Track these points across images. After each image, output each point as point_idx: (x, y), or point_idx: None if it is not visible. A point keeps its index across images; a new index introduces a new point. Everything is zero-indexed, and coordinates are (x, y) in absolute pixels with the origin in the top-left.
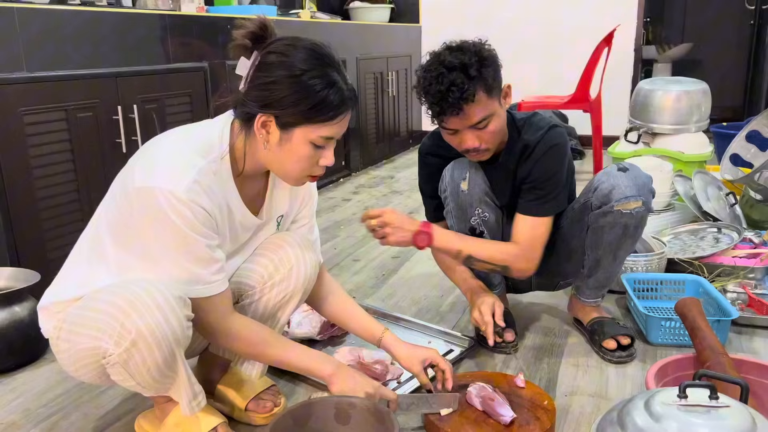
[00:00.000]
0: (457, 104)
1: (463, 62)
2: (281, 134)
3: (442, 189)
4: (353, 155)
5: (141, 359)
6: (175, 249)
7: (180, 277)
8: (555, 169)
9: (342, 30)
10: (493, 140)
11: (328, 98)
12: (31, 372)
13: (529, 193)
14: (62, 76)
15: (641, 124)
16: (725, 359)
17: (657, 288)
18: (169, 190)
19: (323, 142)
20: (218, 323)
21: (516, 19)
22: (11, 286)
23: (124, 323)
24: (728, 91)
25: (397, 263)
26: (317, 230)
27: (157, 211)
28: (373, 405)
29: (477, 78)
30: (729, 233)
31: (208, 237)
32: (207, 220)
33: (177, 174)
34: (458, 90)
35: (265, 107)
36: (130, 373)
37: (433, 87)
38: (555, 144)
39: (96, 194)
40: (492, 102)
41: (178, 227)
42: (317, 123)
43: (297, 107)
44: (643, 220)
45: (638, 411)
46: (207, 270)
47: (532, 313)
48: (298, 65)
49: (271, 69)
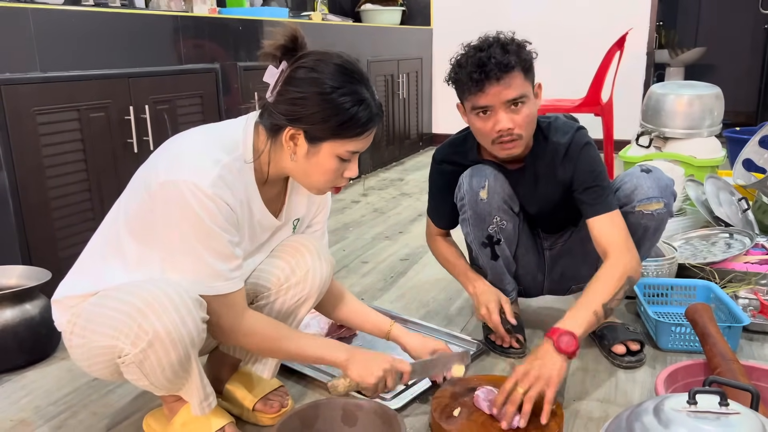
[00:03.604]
0: (497, 70)
1: (501, 41)
2: (309, 147)
3: (460, 197)
4: (363, 158)
5: (156, 360)
6: (198, 242)
7: (200, 272)
8: (596, 163)
9: (353, 32)
10: (525, 126)
11: (357, 115)
12: (41, 370)
13: (586, 195)
14: (75, 77)
15: (653, 129)
16: (736, 366)
17: (667, 293)
18: (194, 182)
19: (349, 156)
20: (235, 320)
21: (528, 22)
22: (23, 284)
23: (142, 324)
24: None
25: (405, 266)
26: (327, 236)
27: (182, 203)
28: (380, 407)
29: (515, 54)
30: (741, 239)
31: (229, 233)
32: (230, 216)
33: (202, 168)
34: (498, 58)
35: (294, 121)
36: (145, 373)
37: (471, 59)
38: (587, 142)
39: (107, 194)
40: (527, 85)
41: (202, 220)
42: (345, 139)
43: (326, 123)
44: (663, 222)
45: (647, 417)
46: (227, 266)
47: (541, 317)
48: (328, 82)
49: (301, 85)
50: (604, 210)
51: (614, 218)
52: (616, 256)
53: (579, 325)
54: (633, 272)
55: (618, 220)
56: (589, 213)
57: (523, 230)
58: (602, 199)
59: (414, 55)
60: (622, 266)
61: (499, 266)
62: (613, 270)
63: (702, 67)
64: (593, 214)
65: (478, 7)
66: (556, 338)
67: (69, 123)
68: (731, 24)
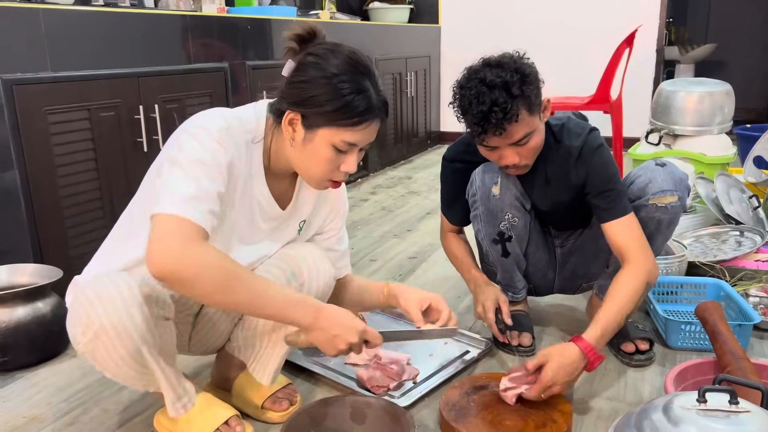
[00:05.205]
0: (500, 125)
1: (505, 80)
2: (306, 133)
3: (471, 193)
4: (371, 156)
5: (106, 352)
6: (186, 165)
7: (176, 191)
8: (610, 166)
9: (361, 30)
10: (532, 155)
11: (354, 103)
12: (52, 367)
13: (600, 199)
14: (85, 76)
15: (662, 126)
16: (746, 364)
17: (677, 291)
18: (200, 125)
19: (346, 147)
20: (185, 247)
21: (536, 19)
22: (34, 282)
23: (90, 314)
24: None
25: (414, 264)
26: (347, 240)
27: (184, 136)
28: (389, 404)
29: (520, 97)
30: (751, 236)
31: (220, 174)
32: (225, 161)
33: (212, 118)
34: (501, 110)
35: (293, 105)
36: (99, 364)
37: (474, 106)
38: (600, 144)
39: (117, 192)
40: (533, 119)
41: (199, 147)
42: (341, 127)
43: (322, 108)
44: (676, 216)
45: (657, 414)
46: (201, 203)
47: (549, 316)
48: (330, 69)
49: (305, 69)
50: (620, 214)
51: (630, 222)
52: (636, 261)
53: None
54: (652, 277)
55: (633, 223)
56: (605, 217)
57: (533, 227)
58: (617, 203)
59: (422, 53)
60: (644, 274)
61: (510, 263)
62: (636, 279)
63: (712, 63)
64: (609, 218)
65: (485, 5)
66: (591, 362)
67: (79, 122)
68: (742, 20)
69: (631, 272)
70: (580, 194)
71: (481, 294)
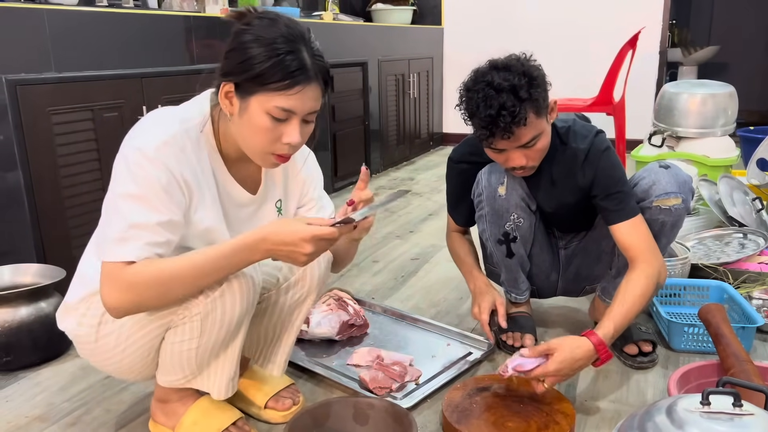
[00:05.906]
0: (509, 128)
1: (513, 83)
2: (240, 104)
3: (477, 193)
4: (374, 157)
5: (222, 313)
6: (124, 199)
7: (117, 234)
8: (617, 168)
9: (364, 32)
10: (539, 157)
11: (283, 63)
12: (55, 367)
13: (608, 201)
14: (89, 77)
15: (665, 128)
16: (750, 367)
17: (680, 294)
18: (137, 147)
19: (281, 114)
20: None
21: (539, 21)
22: (37, 282)
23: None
24: (755, 94)
25: (416, 265)
26: (329, 203)
27: (123, 166)
28: (392, 406)
29: (528, 100)
30: (755, 239)
31: (168, 201)
32: (170, 184)
33: (150, 134)
34: (509, 114)
35: (226, 75)
36: (204, 329)
37: (482, 110)
38: (606, 147)
39: None
40: (541, 121)
41: (131, 179)
42: (272, 91)
43: (253, 71)
44: (680, 219)
45: (660, 417)
46: (142, 236)
47: (552, 317)
48: (258, 33)
49: (235, 37)
50: (628, 216)
51: (638, 223)
52: (647, 262)
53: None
54: (662, 278)
55: (642, 224)
56: (614, 219)
57: (538, 229)
58: (624, 204)
59: (425, 55)
60: (654, 274)
61: (514, 264)
62: (647, 279)
63: (715, 65)
64: (617, 220)
65: (488, 7)
66: (602, 359)
67: (83, 123)
68: (745, 22)
69: (642, 272)
70: (586, 196)
71: (479, 295)
